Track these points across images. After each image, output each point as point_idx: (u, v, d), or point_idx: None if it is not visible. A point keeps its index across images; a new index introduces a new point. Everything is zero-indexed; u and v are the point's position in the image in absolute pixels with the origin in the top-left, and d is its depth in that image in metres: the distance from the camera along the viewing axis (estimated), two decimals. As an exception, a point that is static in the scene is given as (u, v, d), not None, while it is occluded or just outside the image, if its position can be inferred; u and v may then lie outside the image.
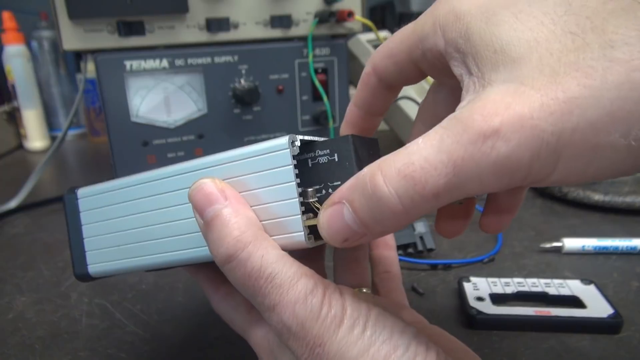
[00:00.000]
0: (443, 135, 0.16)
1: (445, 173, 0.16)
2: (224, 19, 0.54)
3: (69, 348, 0.35)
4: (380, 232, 0.18)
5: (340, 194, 0.19)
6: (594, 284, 0.38)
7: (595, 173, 0.16)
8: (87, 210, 0.29)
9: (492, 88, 0.16)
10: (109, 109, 0.50)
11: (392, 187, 0.17)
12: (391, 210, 0.17)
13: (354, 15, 0.56)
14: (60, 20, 0.48)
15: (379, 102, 0.26)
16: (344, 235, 0.19)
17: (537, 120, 0.15)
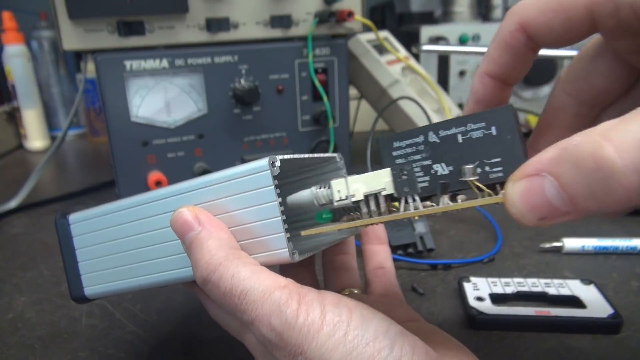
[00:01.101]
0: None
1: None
2: (224, 19, 0.54)
3: (69, 348, 0.35)
4: (593, 212, 0.16)
5: (540, 165, 0.16)
6: (594, 284, 0.38)
7: None
8: (79, 235, 0.30)
9: None
10: (109, 109, 0.50)
11: (630, 161, 0.14)
12: (625, 188, 0.14)
13: (354, 15, 0.56)
14: (60, 20, 0.48)
15: (521, 67, 0.23)
16: (541, 213, 0.16)
17: None
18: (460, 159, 0.20)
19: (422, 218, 0.44)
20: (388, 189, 0.21)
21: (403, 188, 0.21)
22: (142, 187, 0.53)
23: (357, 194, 0.22)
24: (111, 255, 0.29)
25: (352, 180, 0.22)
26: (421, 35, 0.81)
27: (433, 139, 0.21)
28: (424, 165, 0.21)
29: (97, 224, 0.29)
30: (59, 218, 0.30)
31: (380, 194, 0.21)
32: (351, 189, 0.22)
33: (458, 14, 0.94)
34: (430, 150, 0.21)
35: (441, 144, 0.20)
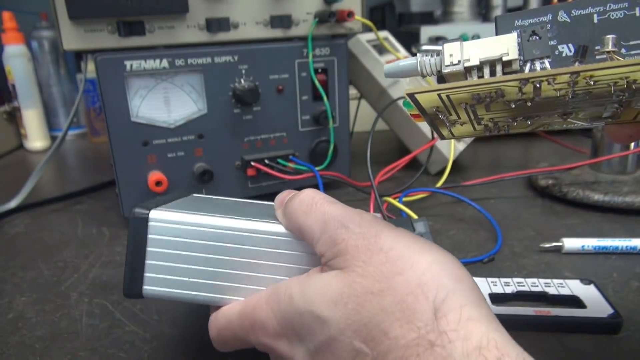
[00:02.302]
0: None
1: None
2: (224, 19, 0.54)
3: (69, 348, 0.35)
4: None
5: None
6: (594, 284, 0.38)
7: None
8: (156, 235, 0.29)
9: None
10: (109, 109, 0.50)
11: None
12: None
13: (354, 15, 0.56)
14: (60, 20, 0.48)
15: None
16: None
17: None
18: (592, 41, 0.18)
19: (421, 218, 0.44)
20: (512, 54, 0.19)
21: (533, 50, 0.19)
22: (142, 187, 0.53)
23: (473, 59, 0.19)
24: (186, 265, 0.29)
25: (469, 44, 0.20)
26: (421, 35, 0.81)
27: (563, 18, 0.19)
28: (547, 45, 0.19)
29: (180, 232, 0.29)
30: (138, 211, 0.29)
31: (500, 60, 0.19)
32: (466, 53, 0.20)
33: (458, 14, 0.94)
34: (558, 29, 0.19)
35: (572, 23, 0.19)
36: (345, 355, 0.22)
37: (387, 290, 0.21)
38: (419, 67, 0.21)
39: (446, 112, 0.22)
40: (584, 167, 0.60)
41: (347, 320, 0.22)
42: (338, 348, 0.22)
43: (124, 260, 0.29)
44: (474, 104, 0.21)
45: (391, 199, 0.51)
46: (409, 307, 0.21)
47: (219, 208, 0.32)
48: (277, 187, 0.61)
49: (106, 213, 0.60)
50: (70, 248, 0.51)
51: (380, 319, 0.21)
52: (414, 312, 0.21)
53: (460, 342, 0.19)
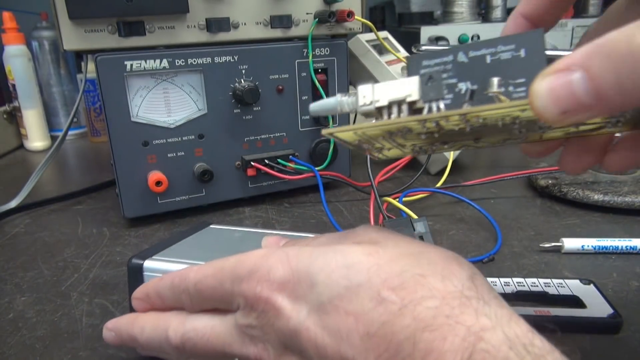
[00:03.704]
0: None
1: None
2: (224, 19, 0.54)
3: (69, 348, 0.35)
4: (614, 105, 0.16)
5: (571, 60, 0.16)
6: (594, 284, 0.38)
7: None
8: None
9: None
10: (109, 109, 0.50)
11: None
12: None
13: (354, 15, 0.56)
14: (61, 20, 0.48)
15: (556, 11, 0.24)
16: (565, 107, 0.17)
17: None
18: (486, 79, 0.20)
19: (421, 218, 0.44)
20: (414, 95, 0.21)
21: (429, 93, 0.21)
22: (142, 187, 0.53)
23: (382, 100, 0.21)
24: None
25: (378, 86, 0.22)
26: (421, 35, 0.81)
27: (462, 59, 0.21)
28: (449, 83, 0.21)
29: None
30: (134, 261, 0.32)
31: (405, 101, 0.21)
32: (377, 95, 0.22)
33: (458, 14, 0.94)
34: (457, 69, 0.21)
35: (469, 63, 0.21)
36: (366, 303, 0.20)
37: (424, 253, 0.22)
38: (338, 106, 0.23)
39: (369, 143, 0.24)
40: (583, 167, 0.60)
41: (379, 269, 0.21)
42: (361, 296, 0.20)
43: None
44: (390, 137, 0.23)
45: (391, 199, 0.51)
46: (446, 267, 0.21)
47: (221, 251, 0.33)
48: (277, 187, 0.61)
49: (106, 213, 0.60)
50: (70, 248, 0.51)
51: (417, 270, 0.21)
52: (452, 272, 0.21)
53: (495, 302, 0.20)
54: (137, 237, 0.53)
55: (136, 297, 0.29)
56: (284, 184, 0.60)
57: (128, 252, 0.49)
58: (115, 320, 0.30)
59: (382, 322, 0.20)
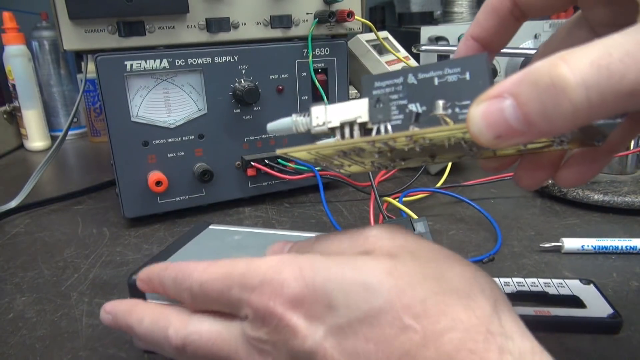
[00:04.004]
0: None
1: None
2: (224, 19, 0.54)
3: (69, 348, 0.35)
4: (542, 133, 0.17)
5: (503, 87, 0.17)
6: (594, 284, 0.38)
7: None
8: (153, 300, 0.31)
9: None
10: (109, 109, 0.50)
11: (580, 77, 0.15)
12: (572, 104, 0.16)
13: (354, 15, 0.56)
14: (61, 20, 0.48)
15: (503, 34, 0.25)
16: (498, 132, 0.17)
17: None
18: (434, 100, 0.21)
19: (421, 218, 0.44)
20: (363, 117, 0.22)
21: (377, 115, 0.22)
22: (142, 187, 0.53)
23: (334, 121, 0.23)
24: None
25: (331, 107, 0.23)
26: (421, 35, 0.81)
27: (411, 81, 0.22)
28: (400, 104, 0.22)
29: None
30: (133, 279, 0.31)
31: (355, 122, 0.22)
32: (329, 116, 0.23)
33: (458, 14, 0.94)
34: (407, 90, 0.22)
35: (418, 85, 0.21)
36: (387, 330, 0.20)
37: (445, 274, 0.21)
38: (293, 127, 0.24)
39: (326, 161, 0.25)
40: (583, 167, 0.60)
41: (400, 292, 0.20)
42: (382, 322, 0.20)
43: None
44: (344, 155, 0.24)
45: (391, 199, 0.51)
46: (469, 294, 0.21)
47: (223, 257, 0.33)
48: (277, 187, 0.61)
49: (106, 213, 0.60)
50: (70, 248, 0.51)
51: (439, 297, 0.20)
52: (475, 300, 0.20)
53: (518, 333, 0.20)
54: (137, 237, 0.53)
55: (140, 278, 0.29)
56: (284, 184, 0.60)
57: (128, 252, 0.49)
58: (114, 304, 0.29)
59: (404, 351, 0.19)
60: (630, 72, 0.15)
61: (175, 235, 0.53)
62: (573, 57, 0.16)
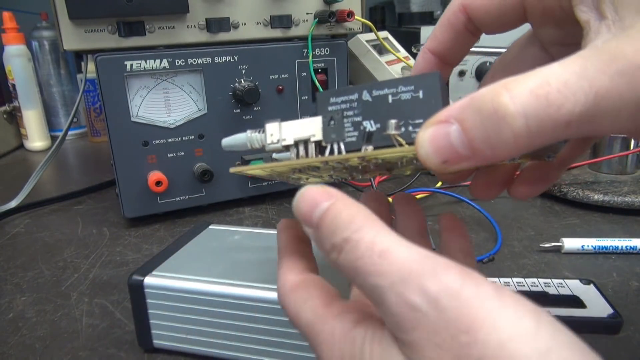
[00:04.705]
0: (586, 63, 0.16)
1: (584, 101, 0.15)
2: (224, 19, 0.54)
3: (69, 348, 0.35)
4: (486, 158, 0.17)
5: (449, 112, 0.17)
6: (594, 284, 0.38)
7: None
8: (153, 300, 0.32)
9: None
10: (109, 109, 0.50)
11: (521, 106, 0.16)
12: (513, 131, 0.16)
13: (354, 15, 0.56)
14: (61, 20, 0.48)
15: (459, 48, 0.25)
16: (444, 156, 0.17)
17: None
18: (388, 118, 0.21)
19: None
20: (317, 135, 0.22)
21: (331, 134, 0.22)
22: (142, 187, 0.53)
23: (288, 139, 0.23)
24: (182, 325, 0.32)
25: (286, 125, 0.23)
26: (421, 35, 0.81)
27: (366, 98, 0.22)
28: (354, 121, 0.22)
29: (174, 298, 0.32)
30: (135, 278, 0.32)
31: (309, 140, 0.22)
32: (284, 133, 0.23)
33: (458, 14, 0.94)
34: (362, 107, 0.22)
35: (373, 102, 0.21)
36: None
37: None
38: (248, 143, 0.24)
39: (282, 177, 0.25)
40: (583, 167, 0.60)
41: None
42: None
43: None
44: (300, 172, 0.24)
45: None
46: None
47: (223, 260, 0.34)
48: (277, 187, 0.61)
49: (106, 213, 0.60)
50: (70, 248, 0.51)
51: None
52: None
53: None
54: (137, 237, 0.53)
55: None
56: (284, 184, 0.60)
57: (128, 252, 0.49)
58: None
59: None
60: (568, 102, 0.15)
61: (175, 235, 0.53)
62: (514, 85, 0.16)
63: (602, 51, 0.16)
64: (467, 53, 0.26)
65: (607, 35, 0.17)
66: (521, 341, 0.15)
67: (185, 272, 0.32)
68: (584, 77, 0.16)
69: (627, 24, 0.17)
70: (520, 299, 0.16)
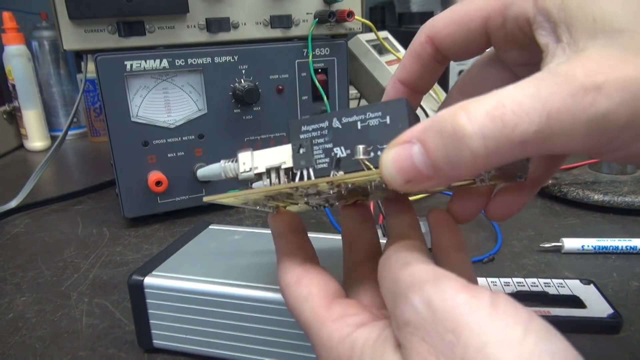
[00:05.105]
0: (539, 85, 0.16)
1: (537, 122, 0.16)
2: (224, 19, 0.54)
3: (69, 348, 0.35)
4: (448, 178, 0.18)
5: (411, 134, 0.18)
6: (594, 284, 0.38)
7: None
8: (153, 300, 0.32)
9: (592, 50, 0.17)
10: (109, 109, 0.50)
11: (478, 127, 0.16)
12: (472, 151, 0.16)
13: (354, 15, 0.56)
14: (61, 20, 0.48)
15: (428, 77, 0.26)
16: (408, 176, 0.18)
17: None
18: (357, 144, 0.22)
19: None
20: (288, 162, 0.23)
21: (300, 161, 0.22)
22: (142, 187, 0.53)
23: (260, 167, 0.23)
24: (182, 325, 0.32)
25: (258, 153, 0.24)
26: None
27: (336, 125, 0.22)
28: (325, 148, 0.22)
29: (174, 298, 0.32)
30: (134, 278, 0.32)
31: (280, 168, 0.23)
32: (255, 162, 0.23)
33: (458, 14, 0.94)
34: (332, 134, 0.22)
35: (342, 129, 0.22)
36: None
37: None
38: (222, 173, 0.25)
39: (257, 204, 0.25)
40: (583, 167, 0.60)
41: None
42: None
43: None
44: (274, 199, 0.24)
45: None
46: None
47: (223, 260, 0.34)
48: (277, 187, 0.61)
49: (106, 213, 0.60)
50: (70, 248, 0.51)
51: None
52: None
53: None
54: (137, 237, 0.53)
55: None
56: (284, 184, 0.60)
57: (128, 252, 0.49)
58: None
59: None
60: (522, 123, 0.16)
61: (175, 235, 0.53)
62: (471, 107, 0.17)
63: (555, 73, 0.17)
64: (435, 81, 0.26)
65: (562, 57, 0.18)
66: (502, 347, 0.16)
67: (185, 272, 0.32)
68: (537, 99, 0.16)
69: (580, 47, 0.17)
70: (516, 310, 0.17)
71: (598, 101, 0.16)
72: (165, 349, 0.33)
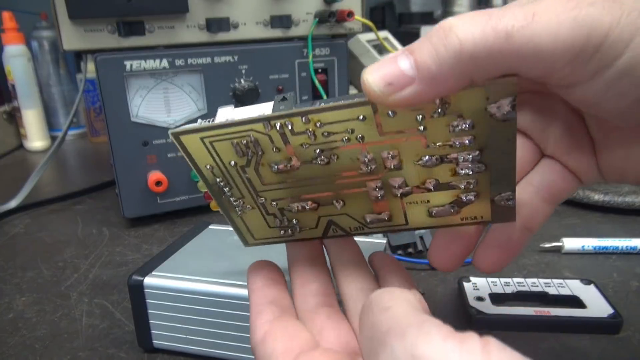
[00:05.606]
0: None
1: (523, 17, 0.17)
2: (224, 19, 0.54)
3: (69, 348, 0.35)
4: (432, 76, 0.18)
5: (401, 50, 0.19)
6: (594, 284, 0.38)
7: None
8: (153, 300, 0.32)
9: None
10: (109, 109, 0.50)
11: (467, 22, 0.17)
12: (458, 36, 0.17)
13: (354, 15, 0.56)
14: (60, 20, 0.48)
15: None
16: (389, 78, 0.18)
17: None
18: None
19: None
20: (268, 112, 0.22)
21: (280, 107, 0.22)
22: (142, 187, 0.53)
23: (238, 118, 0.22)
24: (182, 325, 0.32)
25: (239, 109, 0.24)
26: (421, 35, 0.81)
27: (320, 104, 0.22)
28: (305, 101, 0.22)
29: (174, 298, 0.32)
30: (134, 278, 0.32)
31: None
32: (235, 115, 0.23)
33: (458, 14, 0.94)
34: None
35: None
36: None
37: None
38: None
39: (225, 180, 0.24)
40: (584, 167, 0.60)
41: None
42: None
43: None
44: (243, 166, 0.23)
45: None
46: None
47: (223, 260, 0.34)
48: (277, 187, 0.61)
49: (106, 213, 0.60)
50: (70, 248, 0.51)
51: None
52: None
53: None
54: (137, 237, 0.53)
55: None
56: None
57: (128, 252, 0.49)
58: None
59: None
60: (508, 17, 0.17)
61: (175, 235, 0.53)
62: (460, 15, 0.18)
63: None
64: None
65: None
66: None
67: (185, 272, 0.32)
68: (525, 3, 0.18)
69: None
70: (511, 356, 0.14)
71: (581, 5, 0.17)
72: (165, 349, 0.33)
